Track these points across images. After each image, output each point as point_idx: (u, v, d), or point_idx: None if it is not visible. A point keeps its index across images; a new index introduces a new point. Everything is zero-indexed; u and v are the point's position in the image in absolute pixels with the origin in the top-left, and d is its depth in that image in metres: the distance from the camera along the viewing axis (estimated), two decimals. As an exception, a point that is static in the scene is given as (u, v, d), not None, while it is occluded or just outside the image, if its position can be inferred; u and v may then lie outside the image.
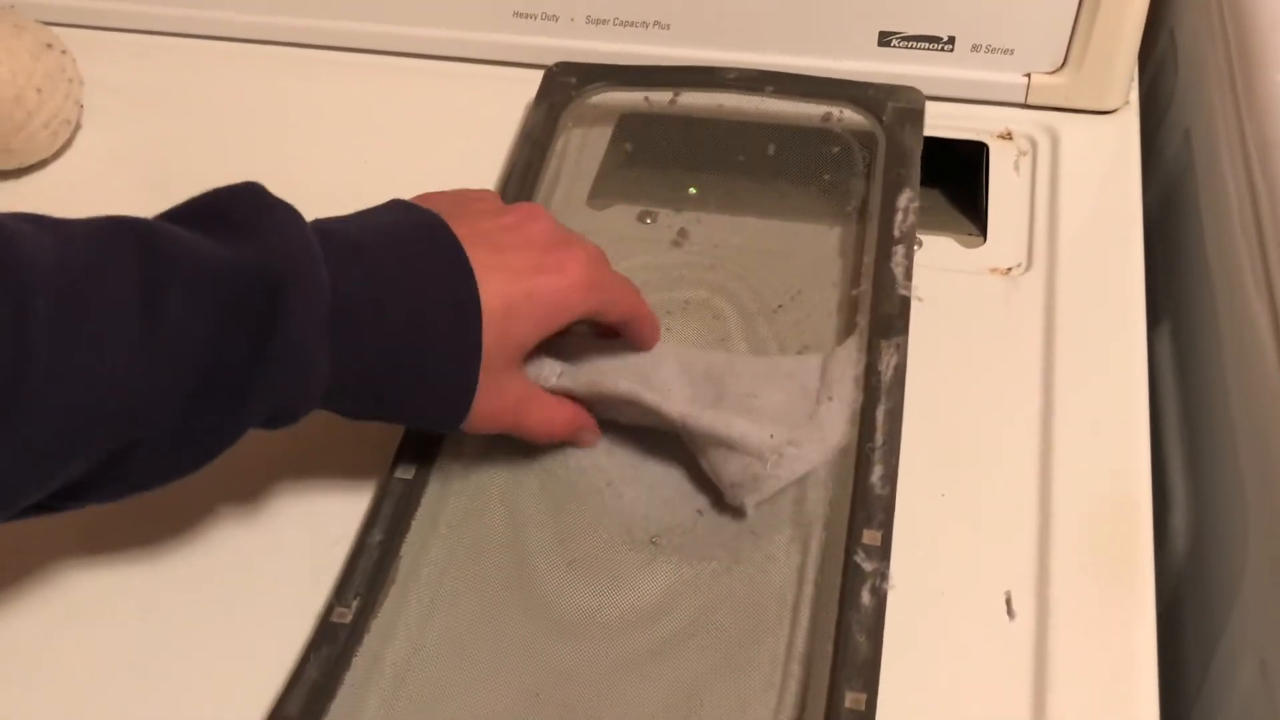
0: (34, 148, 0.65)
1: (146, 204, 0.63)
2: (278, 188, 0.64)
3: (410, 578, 0.49)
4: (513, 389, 0.49)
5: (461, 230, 0.47)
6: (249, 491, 0.52)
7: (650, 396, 0.50)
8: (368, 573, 0.48)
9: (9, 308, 0.37)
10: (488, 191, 0.53)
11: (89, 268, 0.39)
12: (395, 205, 0.49)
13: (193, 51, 0.73)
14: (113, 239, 0.40)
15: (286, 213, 0.44)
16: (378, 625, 0.47)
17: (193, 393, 0.41)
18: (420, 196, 0.51)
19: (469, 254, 0.46)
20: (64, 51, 0.66)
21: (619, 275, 0.52)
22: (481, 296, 0.46)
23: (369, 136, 0.68)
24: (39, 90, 0.63)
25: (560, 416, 0.51)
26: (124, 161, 0.68)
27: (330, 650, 0.46)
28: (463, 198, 0.52)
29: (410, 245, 0.46)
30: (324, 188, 0.63)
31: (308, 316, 0.42)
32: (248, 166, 0.65)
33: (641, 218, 0.62)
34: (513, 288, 0.47)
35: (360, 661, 0.46)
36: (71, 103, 0.66)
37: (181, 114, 0.70)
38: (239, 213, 0.43)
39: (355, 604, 0.47)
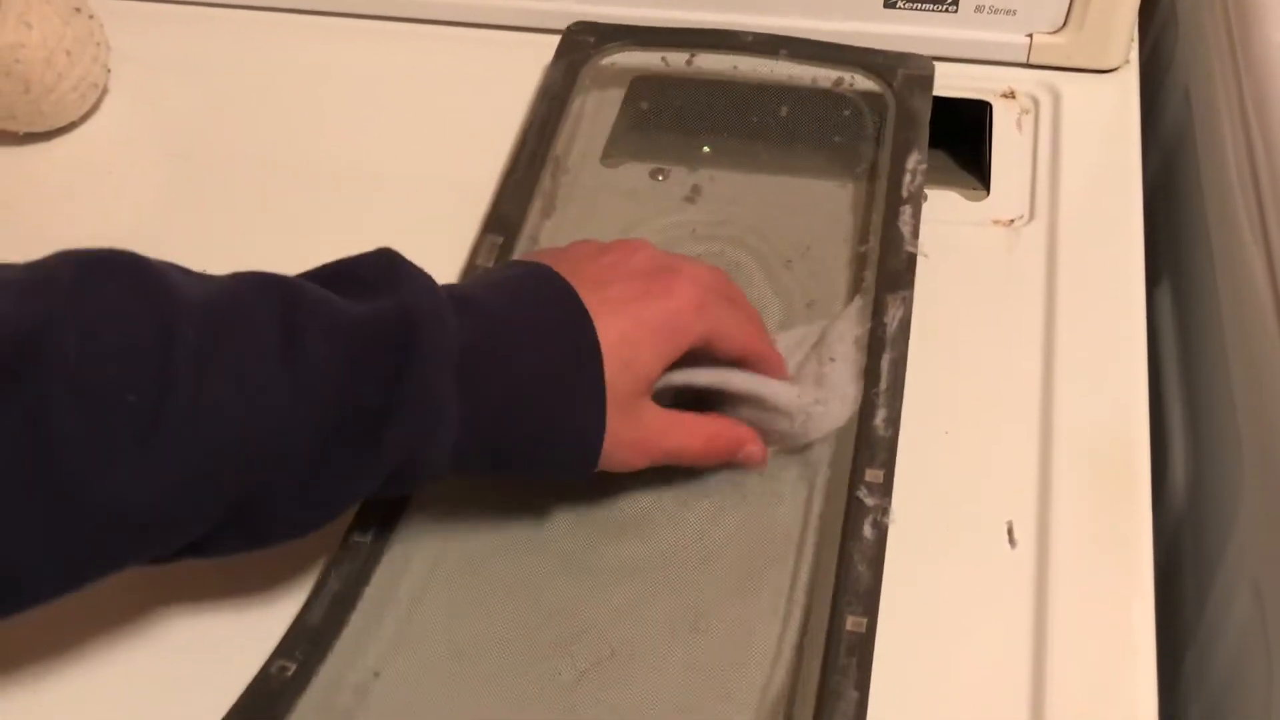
0: (63, 110, 0.66)
1: (175, 167, 0.67)
2: (304, 153, 0.66)
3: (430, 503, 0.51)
4: (647, 418, 0.48)
5: (568, 273, 0.47)
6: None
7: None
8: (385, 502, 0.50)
9: (158, 329, 0.38)
10: (590, 241, 0.53)
11: (234, 305, 0.40)
12: (505, 263, 0.50)
13: (215, 19, 0.75)
14: (257, 285, 0.42)
15: (415, 270, 0.45)
16: (397, 547, 0.49)
17: (327, 436, 0.41)
18: (529, 254, 0.52)
19: (583, 296, 0.47)
20: (91, 16, 0.67)
21: (739, 305, 0.52)
22: (600, 336, 0.46)
23: (393, 102, 0.70)
24: (68, 53, 0.64)
25: (708, 429, 0.50)
26: (150, 125, 0.70)
27: (351, 566, 0.48)
28: (566, 248, 0.53)
29: (523, 296, 0.47)
30: (350, 153, 0.67)
31: (438, 364, 0.43)
32: (272, 132, 0.68)
33: (654, 175, 0.63)
34: (625, 319, 0.47)
35: (379, 578, 0.48)
36: (99, 67, 0.67)
37: (204, 80, 0.72)
38: (370, 272, 0.45)
39: (373, 531, 0.49)
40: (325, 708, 0.45)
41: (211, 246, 0.61)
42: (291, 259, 0.60)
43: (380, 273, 0.45)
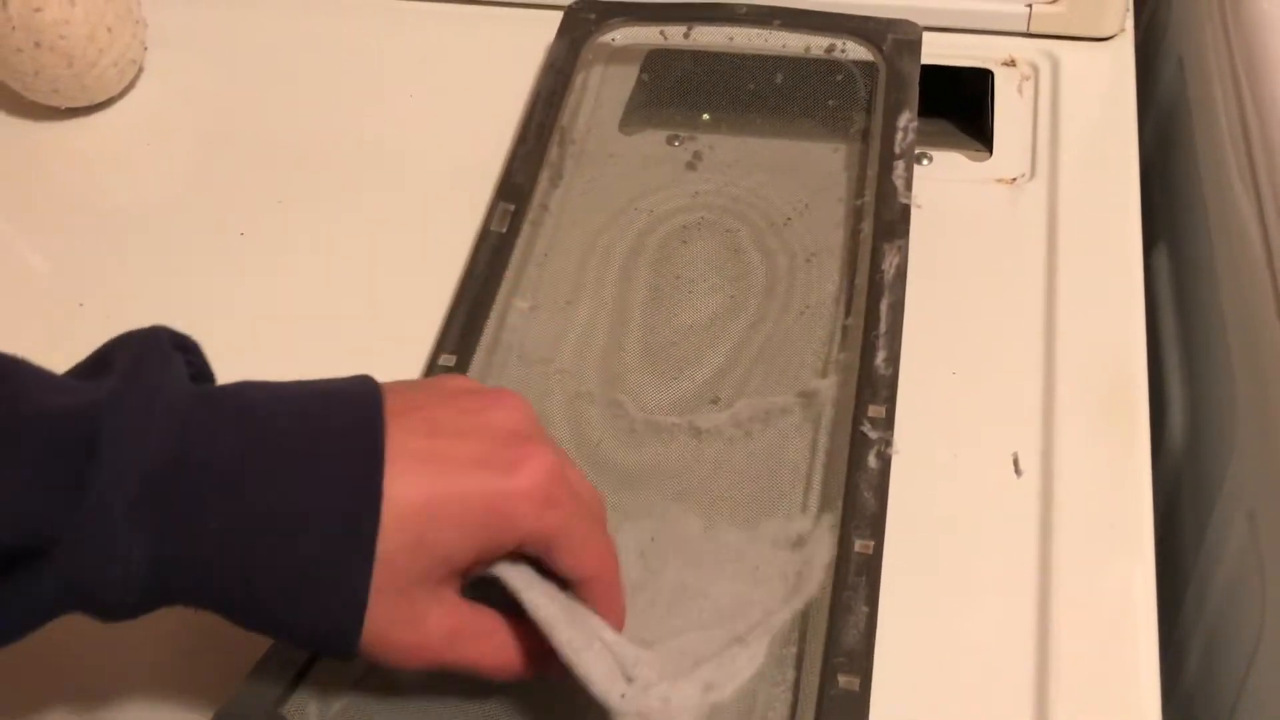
0: (104, 85, 0.68)
1: (209, 141, 0.69)
2: (324, 128, 0.69)
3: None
4: (432, 618, 0.38)
5: (399, 408, 0.38)
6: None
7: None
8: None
9: None
10: (460, 377, 0.45)
11: None
12: (351, 378, 0.40)
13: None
14: None
15: (157, 360, 0.37)
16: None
17: None
18: (392, 383, 0.40)
19: (395, 436, 0.37)
20: (130, -7, 0.69)
21: (590, 514, 0.41)
22: (392, 490, 0.36)
23: (408, 78, 0.71)
24: (110, 30, 0.66)
25: (513, 654, 0.40)
26: (185, 101, 0.71)
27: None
28: (436, 379, 0.44)
29: (316, 417, 0.38)
30: (368, 131, 0.69)
31: (112, 481, 0.35)
32: (293, 107, 0.70)
33: (670, 141, 0.66)
34: (439, 483, 0.37)
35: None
36: (138, 43, 0.69)
37: (236, 56, 0.74)
38: (119, 359, 0.37)
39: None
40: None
41: (244, 217, 0.65)
42: (315, 230, 0.64)
43: (128, 358, 0.37)
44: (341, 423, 0.37)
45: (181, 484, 0.35)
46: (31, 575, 0.35)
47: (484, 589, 0.40)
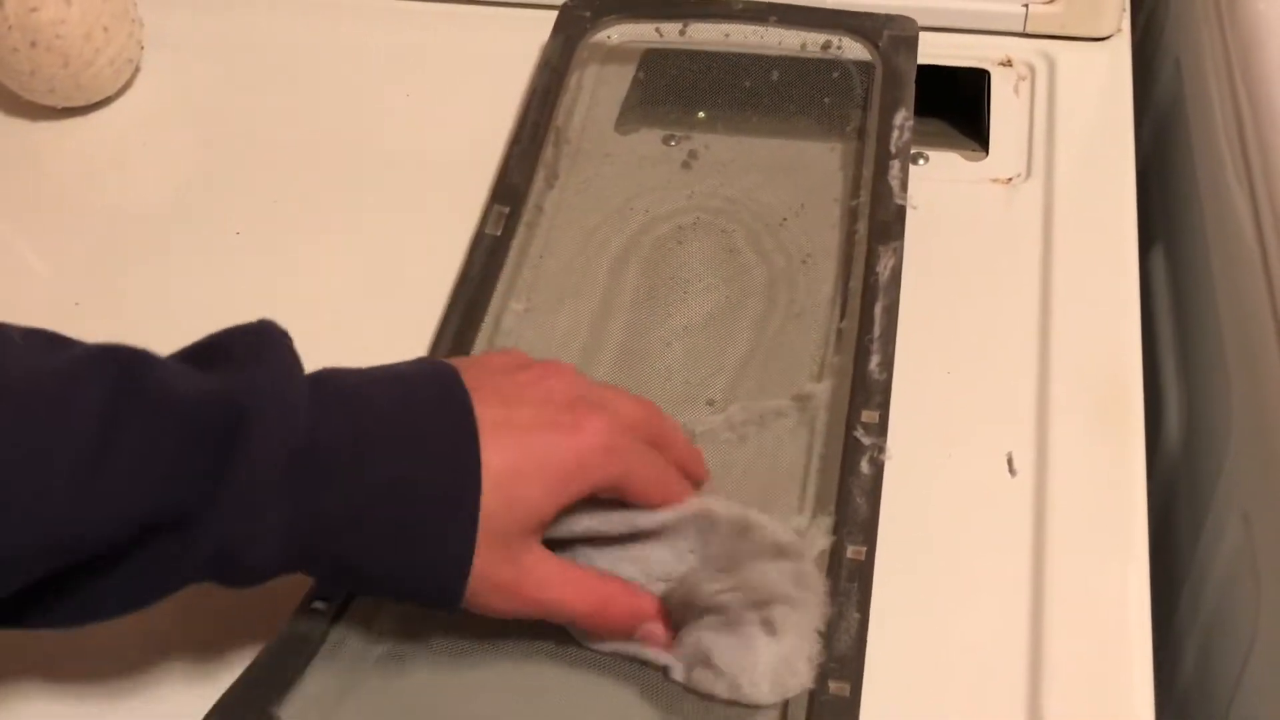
0: (100, 85, 0.68)
1: (206, 141, 0.69)
2: (319, 128, 0.69)
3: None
4: (528, 562, 0.43)
5: (472, 384, 0.43)
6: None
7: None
8: None
9: None
10: (514, 352, 0.49)
11: (53, 393, 0.37)
12: (417, 360, 0.45)
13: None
14: (95, 365, 0.38)
15: (278, 351, 0.41)
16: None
17: (142, 526, 0.38)
18: (456, 360, 0.45)
19: (476, 409, 0.42)
20: (127, -7, 0.69)
21: (667, 448, 0.46)
22: (486, 457, 0.41)
23: (403, 78, 0.71)
24: (106, 29, 0.66)
25: (601, 591, 0.44)
26: (182, 101, 0.71)
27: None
28: (486, 355, 0.49)
29: (408, 397, 0.42)
30: (364, 131, 0.68)
31: (263, 458, 0.38)
32: (290, 108, 0.70)
33: (665, 140, 0.66)
34: (520, 448, 0.42)
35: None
36: (134, 43, 0.69)
37: (232, 57, 0.74)
38: (237, 349, 0.41)
39: None
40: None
41: (240, 217, 0.64)
42: (310, 230, 0.63)
43: (244, 350, 0.41)
44: (434, 403, 0.42)
45: (315, 462, 0.39)
46: (177, 544, 0.39)
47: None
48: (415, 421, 0.42)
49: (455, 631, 0.46)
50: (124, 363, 0.39)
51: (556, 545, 0.45)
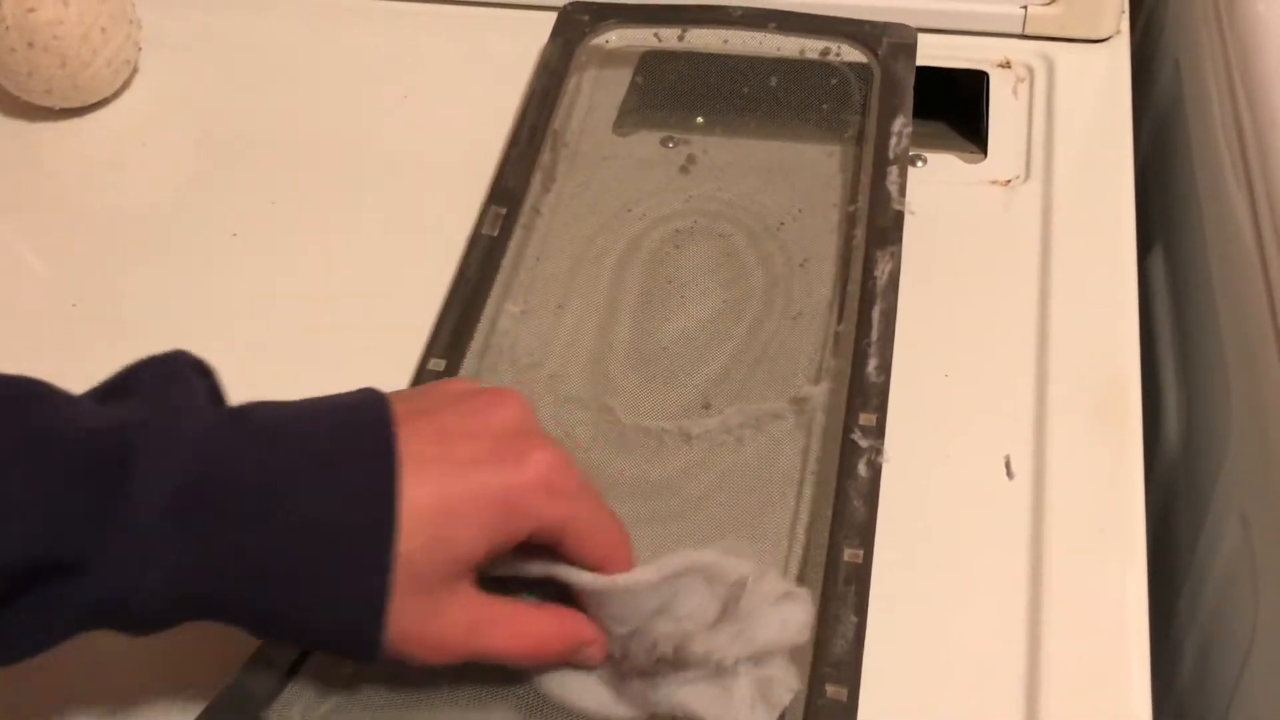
0: (97, 86, 0.68)
1: (204, 142, 0.69)
2: (319, 129, 0.68)
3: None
4: (454, 610, 0.39)
5: (406, 414, 0.40)
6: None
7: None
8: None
9: None
10: (460, 381, 0.47)
11: None
12: (356, 390, 0.41)
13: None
14: None
15: (180, 384, 0.39)
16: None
17: (25, 570, 0.36)
18: (396, 392, 0.42)
19: (406, 443, 0.38)
20: (125, -7, 0.69)
21: (597, 499, 0.42)
22: (409, 493, 0.38)
23: (401, 79, 0.71)
24: (103, 30, 0.66)
25: (538, 629, 0.41)
26: (180, 102, 0.71)
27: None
28: (432, 384, 0.46)
29: (330, 429, 0.39)
30: (361, 133, 0.68)
31: (144, 495, 0.36)
32: (289, 109, 0.70)
33: (663, 143, 0.66)
34: (452, 483, 0.38)
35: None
36: (131, 44, 0.69)
37: (230, 58, 0.74)
38: (145, 382, 0.39)
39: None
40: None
41: (237, 218, 0.64)
42: (307, 231, 0.63)
43: (151, 380, 0.39)
44: (354, 434, 0.39)
45: (210, 498, 0.37)
46: (63, 589, 0.36)
47: (497, 586, 0.41)
48: (330, 454, 0.38)
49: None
50: (14, 400, 0.37)
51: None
